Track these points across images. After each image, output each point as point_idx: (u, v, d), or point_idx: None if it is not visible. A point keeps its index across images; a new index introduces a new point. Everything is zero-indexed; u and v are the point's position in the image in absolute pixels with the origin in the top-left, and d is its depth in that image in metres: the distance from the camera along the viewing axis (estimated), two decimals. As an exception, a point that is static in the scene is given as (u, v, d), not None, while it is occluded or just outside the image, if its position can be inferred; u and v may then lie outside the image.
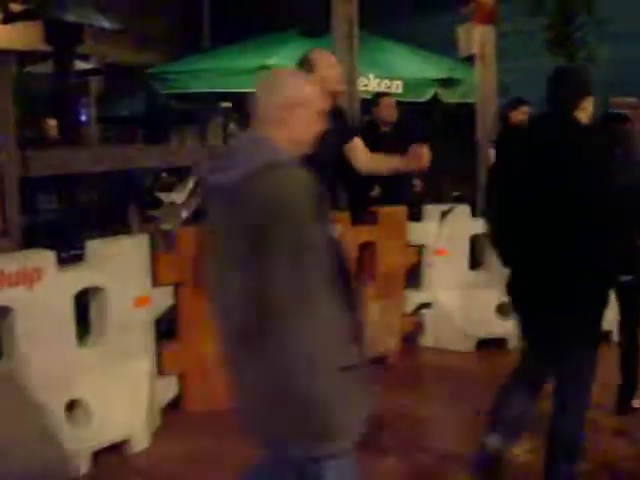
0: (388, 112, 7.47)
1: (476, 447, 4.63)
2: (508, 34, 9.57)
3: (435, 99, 10.74)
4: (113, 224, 7.01)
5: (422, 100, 10.66)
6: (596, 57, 10.65)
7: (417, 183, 7.80)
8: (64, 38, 7.68)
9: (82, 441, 4.30)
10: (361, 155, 4.90)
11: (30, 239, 5.36)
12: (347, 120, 5.09)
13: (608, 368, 6.07)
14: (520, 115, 8.29)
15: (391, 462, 4.54)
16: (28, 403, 4.13)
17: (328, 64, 4.59)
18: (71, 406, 4.37)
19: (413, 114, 11.32)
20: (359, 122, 7.33)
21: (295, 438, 2.72)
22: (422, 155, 4.70)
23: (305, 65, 4.56)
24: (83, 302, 4.59)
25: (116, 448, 4.52)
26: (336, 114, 4.87)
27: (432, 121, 11.92)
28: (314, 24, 7.31)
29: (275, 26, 11.16)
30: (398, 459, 4.57)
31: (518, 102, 8.31)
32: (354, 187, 6.29)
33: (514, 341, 6.59)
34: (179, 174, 8.72)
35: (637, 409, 5.25)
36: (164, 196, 6.77)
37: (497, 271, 6.65)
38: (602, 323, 3.94)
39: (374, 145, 5.11)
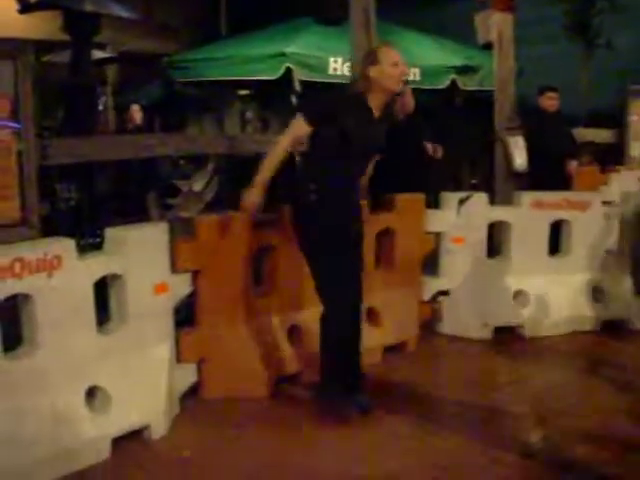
0: (410, 102, 7.46)
1: (490, 435, 4.67)
2: (526, 21, 9.51)
3: (453, 86, 10.71)
4: (132, 212, 7.05)
5: (440, 87, 10.64)
6: (614, 44, 10.60)
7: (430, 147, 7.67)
8: (82, 27, 7.69)
9: (102, 428, 4.33)
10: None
11: (50, 227, 5.39)
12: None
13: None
14: (546, 100, 8.34)
15: (406, 447, 4.55)
16: (48, 390, 4.16)
17: (391, 61, 4.76)
18: (91, 393, 4.40)
19: (431, 101, 11.31)
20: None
21: None
22: (406, 100, 4.94)
23: (369, 56, 4.85)
24: (103, 289, 4.61)
25: (136, 435, 4.55)
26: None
27: (450, 108, 11.89)
28: (331, 11, 7.30)
29: (292, 14, 11.15)
30: (414, 443, 4.58)
31: (543, 89, 8.37)
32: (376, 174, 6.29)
33: (530, 329, 6.60)
34: (197, 162, 8.77)
35: None
36: (182, 184, 6.79)
37: (514, 259, 6.69)
38: None
39: (391, 133, 5.12)
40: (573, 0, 10.75)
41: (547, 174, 8.00)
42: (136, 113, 11.73)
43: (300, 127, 4.75)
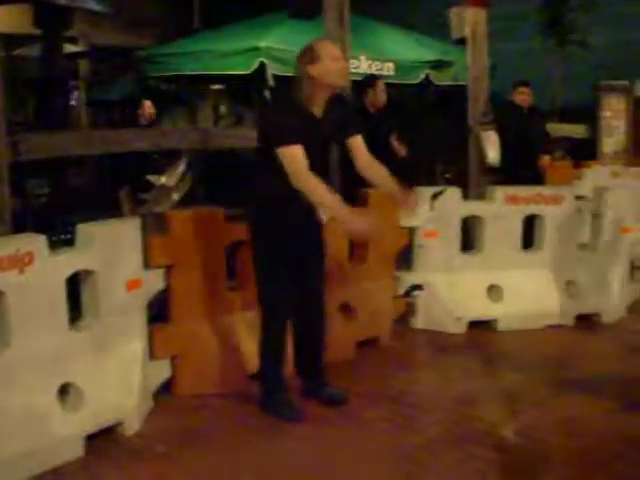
0: (381, 95, 7.49)
1: (465, 429, 4.69)
2: (500, 17, 9.56)
3: (427, 81, 10.73)
4: (104, 207, 6.99)
5: (414, 82, 10.65)
6: (588, 41, 10.67)
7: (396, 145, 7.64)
8: (53, 21, 7.62)
9: (75, 424, 4.30)
10: (362, 157, 4.85)
11: (21, 224, 5.34)
12: (350, 109, 5.05)
13: None
14: (518, 95, 8.39)
15: (380, 442, 4.55)
16: (20, 387, 4.12)
17: (332, 56, 4.55)
18: (63, 390, 4.37)
19: (405, 96, 11.35)
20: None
21: None
22: (410, 201, 4.82)
23: (309, 54, 4.55)
24: (75, 286, 4.58)
25: (109, 431, 4.53)
26: (340, 100, 4.88)
27: (424, 103, 11.93)
28: (305, 6, 7.28)
29: (265, 8, 11.11)
30: (387, 440, 4.59)
31: (516, 84, 8.43)
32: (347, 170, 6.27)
33: (504, 323, 6.63)
34: (170, 157, 8.72)
35: None
36: (155, 179, 6.76)
37: (488, 253, 6.71)
38: None
39: (363, 127, 5.07)
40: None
41: (521, 169, 8.05)
42: (149, 108, 11.73)
43: (296, 153, 4.47)
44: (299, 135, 4.46)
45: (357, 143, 4.82)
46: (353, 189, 5.93)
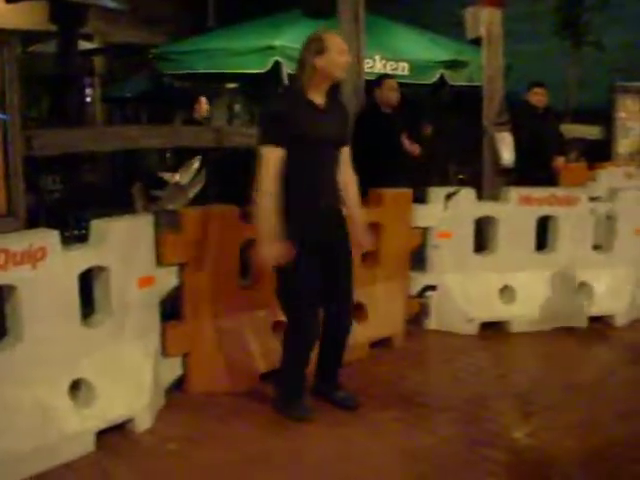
0: (390, 94, 7.45)
1: (477, 430, 4.68)
2: (515, 17, 9.52)
3: (442, 81, 10.70)
4: (117, 204, 7.00)
5: (428, 82, 10.62)
6: (603, 41, 10.62)
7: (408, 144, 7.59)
8: (68, 18, 7.64)
9: (86, 420, 4.31)
10: (346, 172, 4.81)
11: (35, 219, 5.35)
12: (348, 113, 5.03)
13: None
14: (533, 96, 8.35)
15: (392, 442, 4.54)
16: (32, 382, 4.13)
17: (339, 49, 4.54)
18: (75, 385, 4.37)
19: (420, 95, 11.33)
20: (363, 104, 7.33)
21: None
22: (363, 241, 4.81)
23: (316, 44, 4.53)
24: (88, 282, 4.58)
25: (120, 428, 4.53)
26: (340, 101, 4.89)
27: (439, 103, 11.90)
28: (320, 4, 7.27)
29: (280, 7, 11.11)
30: (399, 440, 4.57)
31: (531, 85, 8.38)
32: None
33: (517, 324, 6.61)
34: (184, 155, 8.72)
35: None
36: (168, 176, 6.75)
37: (501, 254, 6.69)
38: None
39: (375, 126, 5.05)
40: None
41: (535, 170, 8.01)
42: (204, 104, 11.80)
43: (272, 156, 4.44)
44: (285, 136, 4.44)
45: (345, 156, 4.81)
46: (366, 188, 5.89)
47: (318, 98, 4.61)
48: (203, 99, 11.78)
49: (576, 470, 4.25)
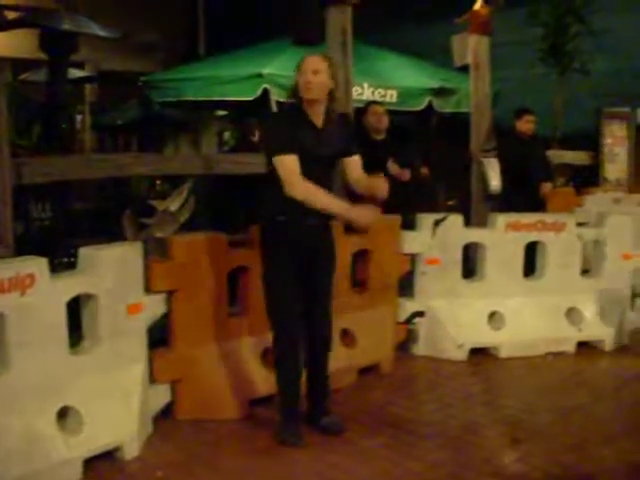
0: (375, 119, 7.49)
1: (465, 456, 4.67)
2: (502, 44, 9.60)
3: (430, 108, 10.76)
4: (107, 232, 7.00)
5: (417, 109, 10.68)
6: (589, 68, 10.70)
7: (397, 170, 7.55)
8: (59, 46, 7.67)
9: (74, 448, 4.29)
10: (355, 171, 4.89)
11: (23, 247, 5.35)
12: (352, 130, 5.09)
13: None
14: (525, 124, 8.38)
15: (379, 469, 4.54)
16: (19, 410, 4.12)
17: (301, 69, 4.63)
18: (63, 413, 4.36)
19: (409, 122, 11.36)
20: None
21: None
22: (380, 186, 4.72)
23: (297, 66, 4.69)
24: (76, 309, 4.59)
25: (108, 455, 4.52)
26: (344, 119, 4.97)
27: (428, 130, 11.95)
28: (309, 33, 7.32)
29: (270, 35, 11.17)
30: (386, 466, 4.57)
31: (521, 112, 8.41)
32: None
33: (506, 350, 6.62)
34: (173, 182, 8.74)
35: None
36: (158, 204, 6.76)
37: (490, 280, 6.72)
38: None
39: (365, 153, 5.10)
40: (548, 24, 10.83)
41: (523, 196, 8.05)
42: (255, 128, 11.68)
43: (290, 161, 4.54)
44: (294, 143, 4.54)
45: (355, 160, 4.90)
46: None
47: (315, 118, 4.69)
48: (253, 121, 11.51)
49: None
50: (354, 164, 4.89)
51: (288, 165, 4.53)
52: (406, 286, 6.66)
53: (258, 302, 5.01)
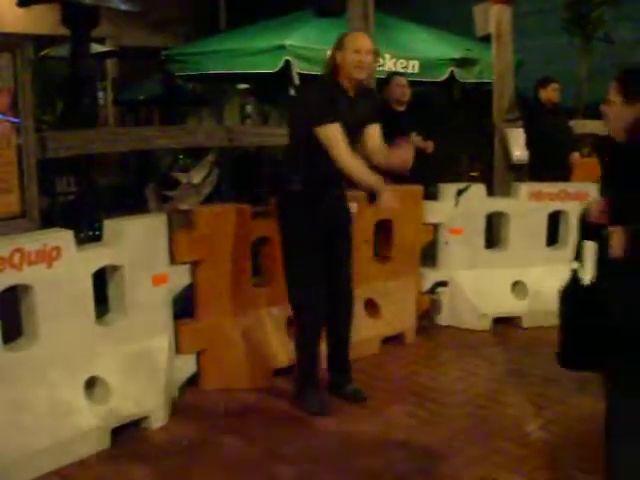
0: (399, 91, 7.46)
1: (488, 425, 4.70)
2: (525, 13, 9.53)
3: (452, 78, 10.71)
4: (131, 205, 7.06)
5: (439, 80, 10.64)
6: (613, 37, 10.61)
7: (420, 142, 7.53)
8: (80, 21, 7.67)
9: (101, 418, 4.36)
10: (374, 140, 4.90)
11: (49, 221, 5.41)
12: (377, 102, 5.12)
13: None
14: (551, 92, 8.29)
15: (403, 437, 4.57)
16: (48, 380, 4.19)
17: (353, 48, 4.63)
18: (90, 383, 4.42)
19: (431, 93, 11.32)
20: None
21: None
22: (405, 155, 4.71)
23: (339, 40, 4.70)
24: (102, 280, 4.64)
25: (135, 425, 4.58)
26: (371, 93, 5.02)
27: (450, 100, 11.90)
28: (331, 4, 7.30)
29: (291, 6, 11.14)
30: (410, 434, 4.60)
31: (547, 80, 8.31)
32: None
33: (528, 320, 6.62)
34: (196, 155, 8.78)
35: None
36: (181, 176, 6.81)
37: (512, 250, 6.71)
38: None
39: (387, 124, 5.10)
40: (572, -8, 10.75)
41: (547, 166, 8.00)
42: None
43: (336, 130, 4.56)
44: (336, 112, 4.57)
45: (374, 129, 4.90)
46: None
47: (349, 88, 4.72)
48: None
49: (586, 463, 4.26)
50: (373, 132, 4.89)
51: (334, 133, 4.55)
52: (429, 256, 6.67)
53: (282, 272, 5.04)
